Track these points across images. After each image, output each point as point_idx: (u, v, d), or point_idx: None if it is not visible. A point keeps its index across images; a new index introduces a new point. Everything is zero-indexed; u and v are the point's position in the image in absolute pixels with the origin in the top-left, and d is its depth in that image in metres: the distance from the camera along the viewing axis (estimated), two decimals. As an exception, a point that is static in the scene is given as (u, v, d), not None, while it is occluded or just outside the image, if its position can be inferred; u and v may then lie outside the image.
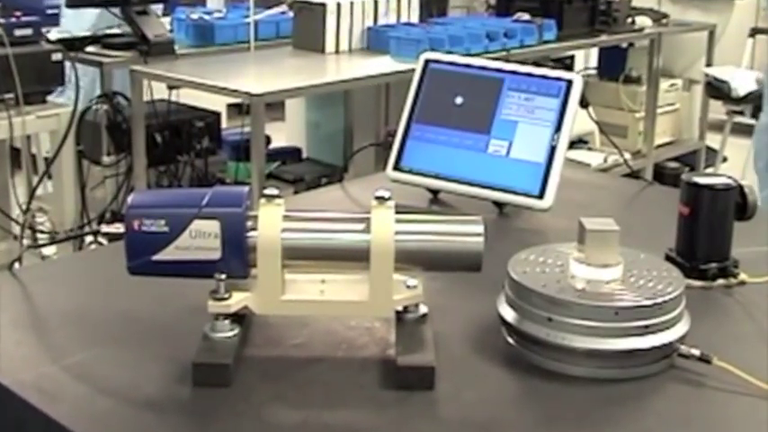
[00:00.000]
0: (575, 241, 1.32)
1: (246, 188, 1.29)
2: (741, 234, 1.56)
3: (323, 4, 4.15)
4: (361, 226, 1.27)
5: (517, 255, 1.36)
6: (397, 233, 1.26)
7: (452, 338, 1.34)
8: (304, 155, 4.93)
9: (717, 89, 5.15)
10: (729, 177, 1.56)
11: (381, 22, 4.38)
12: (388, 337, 1.30)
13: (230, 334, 1.25)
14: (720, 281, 1.54)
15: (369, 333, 1.32)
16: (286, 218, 1.27)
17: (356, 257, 1.26)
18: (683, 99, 5.74)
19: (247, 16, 4.39)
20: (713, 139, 5.65)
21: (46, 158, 4.02)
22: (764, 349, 1.34)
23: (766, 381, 1.20)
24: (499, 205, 1.86)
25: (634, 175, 2.46)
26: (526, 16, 4.50)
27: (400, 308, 1.32)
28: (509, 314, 1.29)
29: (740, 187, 1.55)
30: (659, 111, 5.38)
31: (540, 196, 1.78)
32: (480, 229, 1.29)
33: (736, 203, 1.55)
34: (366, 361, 1.26)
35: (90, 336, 1.34)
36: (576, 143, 5.08)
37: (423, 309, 1.35)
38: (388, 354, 1.27)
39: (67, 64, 3.67)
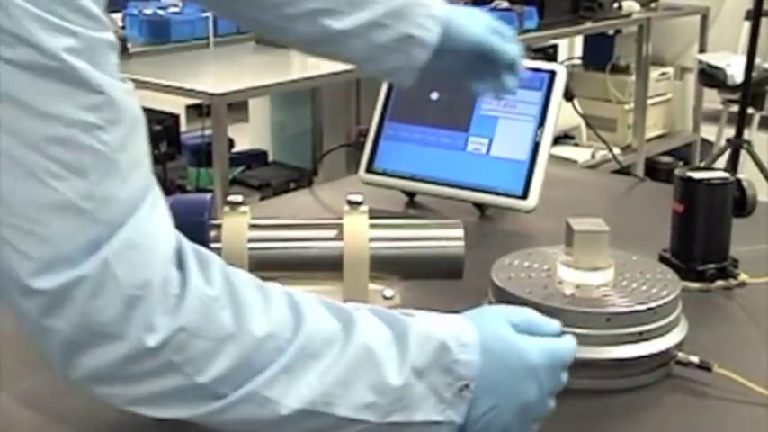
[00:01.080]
0: (562, 244, 1.32)
1: (209, 195, 1.28)
2: (740, 231, 1.57)
3: (286, -4, 4.14)
4: (332, 233, 1.27)
5: (500, 260, 1.36)
6: (372, 240, 1.26)
7: (434, 351, 1.34)
8: (270, 158, 4.92)
9: (711, 77, 5.16)
10: (726, 171, 1.56)
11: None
12: (365, 352, 1.30)
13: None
14: (719, 282, 1.54)
15: (343, 348, 1.32)
16: (252, 227, 1.27)
17: (328, 267, 1.26)
18: (675, 88, 5.77)
19: (206, 10, 4.38)
20: (708, 131, 5.68)
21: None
22: (766, 354, 1.34)
23: (770, 388, 1.20)
24: (480, 207, 1.86)
25: (624, 171, 2.48)
26: (505, 4, 4.51)
27: (377, 320, 1.32)
28: (494, 324, 1.29)
29: (738, 181, 1.56)
30: (650, 102, 5.40)
31: (524, 196, 1.78)
32: (460, 233, 1.30)
33: (735, 199, 1.56)
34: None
35: (40, 360, 1.33)
36: (561, 138, 5.09)
37: (401, 320, 1.35)
38: (365, 370, 1.27)
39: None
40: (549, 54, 5.24)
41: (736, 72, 4.86)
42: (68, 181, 0.77)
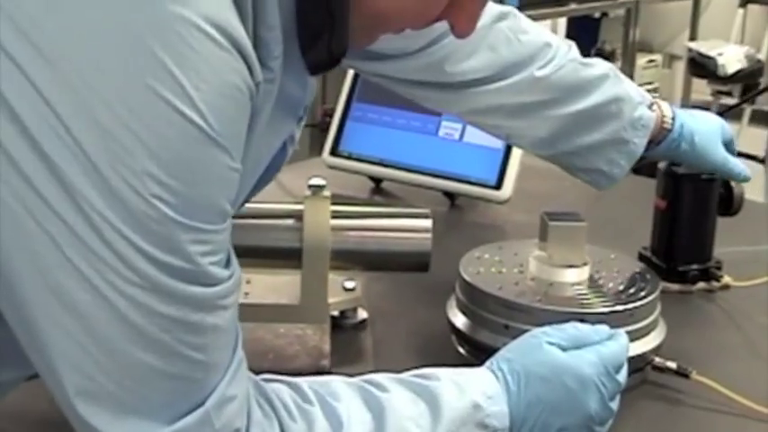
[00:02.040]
0: (535, 238, 1.33)
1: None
2: (725, 231, 1.58)
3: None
4: (291, 220, 1.27)
5: (470, 253, 1.36)
6: (334, 228, 1.26)
7: (395, 348, 1.34)
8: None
9: (701, 66, 5.18)
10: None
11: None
12: (322, 346, 1.30)
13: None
14: (701, 284, 1.56)
15: (300, 341, 1.32)
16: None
17: (286, 255, 1.26)
18: (662, 77, 5.79)
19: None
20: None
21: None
22: (749, 362, 1.36)
23: (751, 397, 1.21)
24: (451, 196, 1.87)
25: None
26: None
27: (336, 313, 1.33)
28: (460, 321, 1.30)
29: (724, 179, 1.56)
30: (636, 90, 5.41)
31: (498, 186, 1.79)
32: (428, 223, 1.30)
33: (720, 196, 1.56)
34: (296, 373, 1.26)
35: None
36: (540, 126, 5.09)
37: (362, 314, 1.36)
38: (322, 365, 1.27)
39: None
40: (531, 36, 5.24)
41: (728, 62, 4.87)
42: (189, 356, 0.84)
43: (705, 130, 1.52)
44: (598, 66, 1.48)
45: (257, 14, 0.84)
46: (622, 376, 1.09)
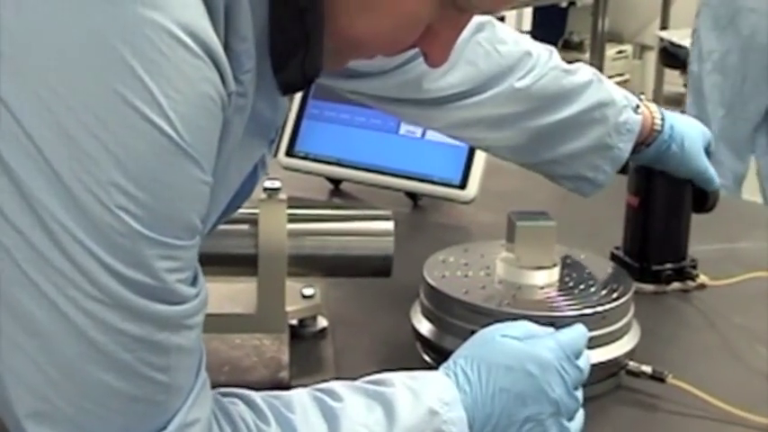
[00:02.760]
0: (502, 239, 1.33)
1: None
2: (700, 229, 1.60)
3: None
4: (246, 225, 1.27)
5: (434, 256, 1.37)
6: (290, 232, 1.26)
7: (357, 357, 1.35)
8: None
9: (673, 57, 5.22)
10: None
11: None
12: (280, 357, 1.30)
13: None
14: (676, 284, 1.57)
15: (257, 352, 1.32)
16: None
17: (241, 262, 1.26)
18: (633, 68, 5.83)
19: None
20: (670, 117, 5.73)
21: None
22: (726, 364, 1.37)
23: (729, 401, 1.22)
24: (413, 197, 1.87)
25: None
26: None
27: (295, 321, 1.33)
28: (425, 327, 1.31)
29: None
30: (606, 82, 5.44)
31: (462, 186, 1.80)
32: (390, 225, 1.30)
33: (694, 192, 1.57)
34: (254, 386, 1.26)
35: None
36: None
37: (322, 322, 1.36)
38: (280, 377, 1.27)
39: None
40: (495, 27, 5.26)
41: (700, 51, 4.89)
42: (152, 377, 0.83)
43: (692, 134, 1.55)
44: (581, 72, 1.49)
45: (229, 24, 0.84)
46: (583, 363, 1.10)
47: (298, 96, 1.93)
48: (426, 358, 1.32)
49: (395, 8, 0.91)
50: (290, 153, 1.91)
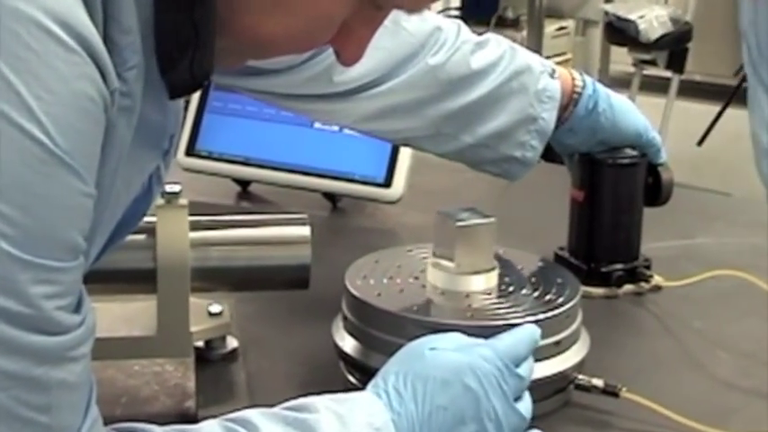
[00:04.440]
0: (432, 242, 1.34)
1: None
2: (653, 224, 1.61)
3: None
4: (142, 235, 1.26)
5: (356, 263, 1.37)
6: (193, 242, 1.26)
7: (273, 381, 1.35)
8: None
9: (620, 32, 5.25)
10: (635, 149, 1.59)
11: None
12: (186, 384, 1.30)
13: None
14: (628, 287, 1.58)
15: (158, 380, 1.32)
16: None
17: (138, 278, 1.26)
18: (576, 46, 5.86)
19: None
20: (618, 99, 5.76)
21: None
22: (685, 373, 1.38)
23: (689, 415, 1.23)
24: (332, 198, 1.88)
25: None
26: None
27: (201, 343, 1.33)
28: (349, 344, 1.31)
29: (650, 162, 1.59)
30: (545, 63, 5.46)
31: (387, 184, 1.80)
32: (306, 231, 1.30)
33: (646, 184, 1.59)
34: (156, 418, 1.26)
35: None
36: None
37: (232, 343, 1.36)
38: (186, 407, 1.27)
39: None
40: (420, 4, 5.26)
41: (650, 26, 4.95)
42: (30, 418, 0.82)
43: (620, 97, 1.59)
44: (492, 43, 1.53)
45: (108, 13, 0.82)
46: (525, 370, 1.12)
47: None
48: (351, 379, 1.32)
49: (310, 7, 0.92)
50: (190, 152, 1.90)
